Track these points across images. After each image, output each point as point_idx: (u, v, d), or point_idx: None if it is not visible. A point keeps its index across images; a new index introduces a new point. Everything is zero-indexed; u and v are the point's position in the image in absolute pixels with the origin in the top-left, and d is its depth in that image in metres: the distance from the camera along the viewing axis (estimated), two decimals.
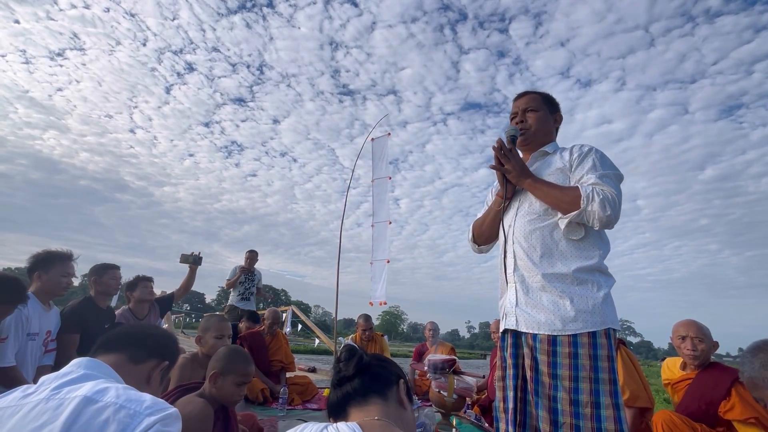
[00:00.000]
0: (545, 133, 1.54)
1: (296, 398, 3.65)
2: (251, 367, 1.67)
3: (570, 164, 1.41)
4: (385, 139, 7.41)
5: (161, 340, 1.06)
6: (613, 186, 1.31)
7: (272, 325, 4.04)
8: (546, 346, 1.28)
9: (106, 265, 2.97)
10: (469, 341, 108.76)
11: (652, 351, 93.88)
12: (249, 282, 5.69)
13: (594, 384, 1.20)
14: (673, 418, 2.01)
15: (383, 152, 7.31)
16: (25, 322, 2.16)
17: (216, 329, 2.23)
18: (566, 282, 1.31)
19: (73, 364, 0.86)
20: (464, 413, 3.32)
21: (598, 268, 1.33)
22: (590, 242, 1.34)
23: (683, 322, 2.30)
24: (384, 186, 7.15)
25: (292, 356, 4.14)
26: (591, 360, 1.22)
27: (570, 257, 1.33)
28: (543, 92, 1.59)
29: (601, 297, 1.28)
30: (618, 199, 1.28)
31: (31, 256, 2.37)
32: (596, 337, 1.24)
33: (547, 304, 1.31)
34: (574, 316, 1.26)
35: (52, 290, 2.37)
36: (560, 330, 1.27)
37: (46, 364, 2.40)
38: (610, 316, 1.28)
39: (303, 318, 8.34)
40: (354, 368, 0.90)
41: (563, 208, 1.32)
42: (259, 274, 5.84)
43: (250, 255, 5.78)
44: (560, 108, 1.61)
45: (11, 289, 1.88)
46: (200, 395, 1.61)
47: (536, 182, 1.40)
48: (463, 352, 42.84)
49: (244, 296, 5.59)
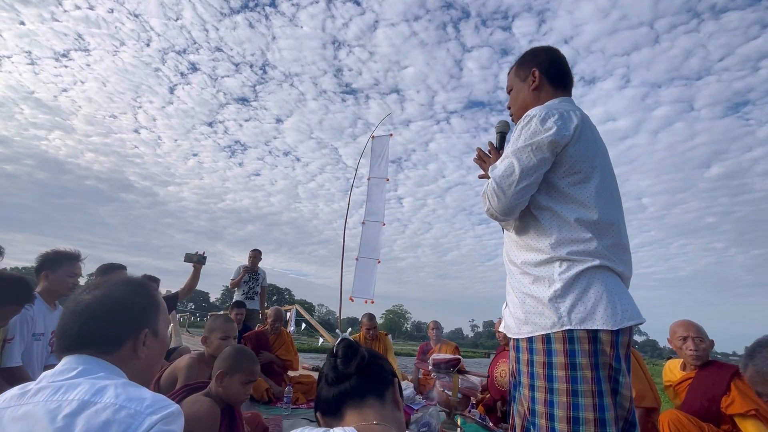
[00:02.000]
0: (523, 109, 1.28)
1: (301, 397, 3.65)
2: (257, 367, 1.68)
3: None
4: (386, 139, 7.40)
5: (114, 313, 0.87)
6: (499, 172, 1.12)
7: (275, 323, 4.05)
8: (513, 352, 1.20)
9: (113, 265, 2.98)
10: (472, 340, 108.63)
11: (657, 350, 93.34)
12: (253, 281, 5.71)
13: (549, 394, 1.04)
14: (680, 418, 2.00)
15: (383, 152, 7.31)
16: (31, 322, 2.18)
17: (222, 330, 2.23)
18: (518, 279, 1.18)
19: (68, 360, 0.83)
20: (469, 412, 3.32)
21: (552, 258, 1.10)
22: (539, 229, 1.13)
23: (681, 322, 2.32)
24: (380, 186, 7.13)
25: (297, 355, 4.14)
26: (545, 368, 1.06)
27: (522, 250, 1.18)
28: (519, 58, 1.36)
29: (552, 294, 1.07)
30: (495, 189, 1.11)
31: (39, 256, 2.38)
32: (550, 341, 1.06)
33: (510, 306, 1.21)
34: (524, 318, 1.12)
35: (58, 290, 2.38)
36: (516, 333, 1.16)
37: (52, 363, 2.42)
38: (575, 314, 1.04)
39: (307, 317, 8.36)
40: (356, 367, 0.85)
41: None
42: (263, 274, 5.85)
43: (254, 254, 5.79)
44: (536, 63, 1.29)
45: (18, 289, 1.89)
46: (207, 394, 1.61)
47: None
48: (467, 351, 42.77)
49: (248, 295, 5.61)
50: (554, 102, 1.24)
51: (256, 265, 5.77)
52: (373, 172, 7.21)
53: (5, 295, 1.81)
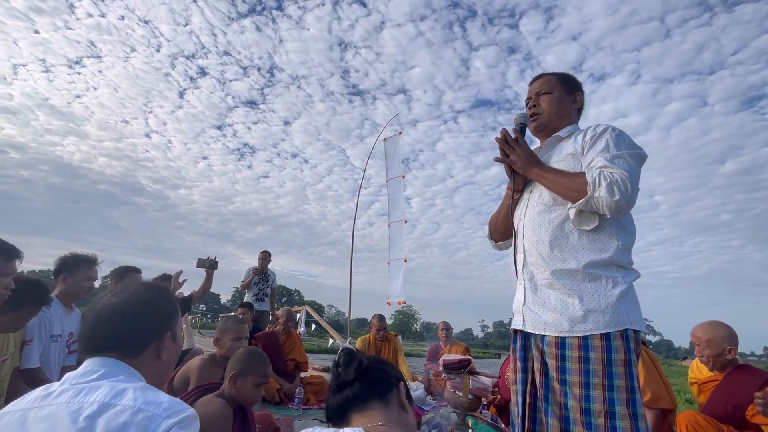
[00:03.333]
0: (559, 116, 1.41)
1: (312, 398, 3.67)
2: (269, 369, 1.69)
3: (582, 147, 1.28)
4: (396, 138, 7.41)
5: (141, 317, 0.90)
6: (625, 167, 1.16)
7: (287, 323, 4.07)
8: (554, 350, 1.18)
9: (127, 268, 3.03)
10: (482, 340, 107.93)
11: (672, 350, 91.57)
12: (263, 283, 5.75)
13: (608, 392, 1.08)
14: (698, 419, 1.95)
15: (396, 151, 7.32)
16: (48, 324, 2.22)
17: (233, 331, 2.26)
18: (576, 278, 1.19)
19: (91, 362, 0.85)
20: (480, 413, 3.30)
21: (615, 262, 1.19)
22: (606, 233, 1.21)
23: (697, 326, 2.23)
24: (398, 185, 7.14)
25: (307, 356, 4.16)
26: (604, 365, 1.10)
27: (581, 250, 1.21)
28: (561, 72, 1.48)
29: (617, 294, 1.15)
30: (630, 182, 1.13)
31: (57, 259, 2.43)
32: (610, 339, 1.12)
33: (554, 303, 1.20)
34: (582, 316, 1.15)
35: (75, 293, 2.43)
36: (567, 331, 1.16)
37: (70, 364, 2.47)
38: (630, 315, 1.14)
39: (317, 318, 8.39)
40: (354, 373, 0.88)
41: (571, 196, 1.21)
42: (273, 275, 5.89)
43: (263, 256, 5.84)
44: (581, 88, 1.47)
45: (36, 291, 1.93)
46: (219, 395, 1.63)
47: (543, 170, 1.29)
48: (477, 352, 42.41)
49: (258, 297, 5.66)
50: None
51: (266, 266, 5.82)
52: (390, 173, 7.22)
53: (23, 297, 1.85)
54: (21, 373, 2.07)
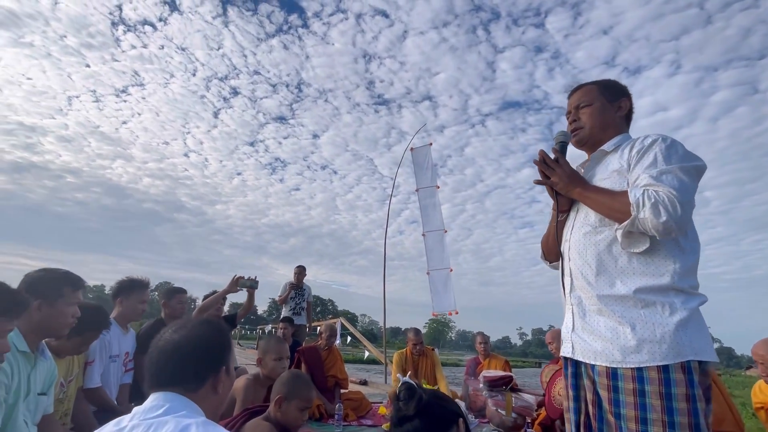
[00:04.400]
0: (603, 128, 1.31)
1: (351, 414, 3.68)
2: (313, 393, 1.72)
3: (628, 163, 1.19)
4: (426, 149, 7.40)
5: (199, 353, 0.96)
6: (674, 184, 1.07)
7: (330, 338, 4.12)
8: (606, 380, 1.10)
9: (175, 289, 3.21)
10: (521, 348, 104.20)
11: (734, 358, 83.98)
12: (299, 297, 5.87)
13: (668, 429, 1.00)
14: None
15: (426, 161, 7.30)
16: (108, 345, 2.38)
17: (275, 351, 2.32)
18: (626, 305, 1.11)
19: (156, 397, 0.92)
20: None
21: (673, 287, 1.09)
22: (661, 255, 1.11)
23: (759, 342, 2.08)
24: (431, 195, 7.10)
25: (347, 372, 4.19)
26: (662, 399, 1.02)
27: (631, 274, 1.12)
28: (601, 80, 1.38)
29: (675, 322, 1.05)
30: (678, 200, 1.03)
31: (115, 283, 2.65)
32: (669, 371, 1.03)
33: (604, 331, 1.13)
34: (635, 346, 1.06)
35: (130, 315, 2.60)
36: (620, 362, 1.08)
37: (126, 382, 2.63)
38: (694, 345, 1.04)
39: (352, 330, 8.44)
40: (414, 408, 0.90)
41: (616, 217, 1.12)
42: (308, 289, 6.01)
43: (299, 270, 5.97)
44: (627, 93, 1.36)
45: (97, 317, 2.08)
46: (266, 419, 1.67)
47: (586, 190, 1.21)
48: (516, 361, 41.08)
49: (295, 311, 5.78)
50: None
51: (302, 280, 5.94)
52: (420, 182, 7.21)
53: (86, 323, 1.99)
54: (84, 392, 2.22)
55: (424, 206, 7.14)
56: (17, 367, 1.50)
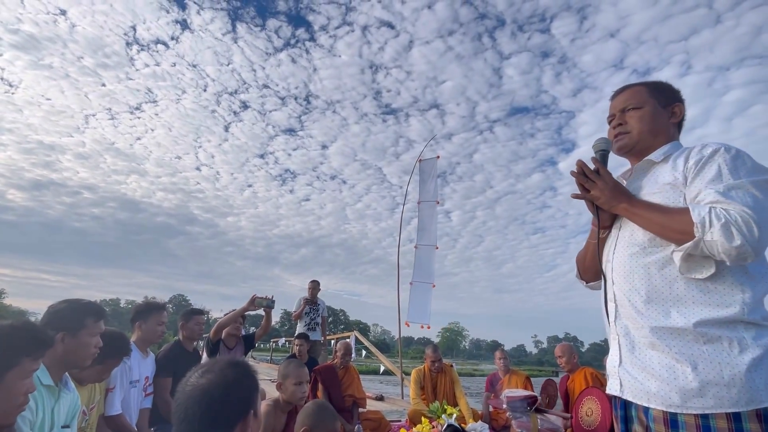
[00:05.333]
0: (654, 134, 1.16)
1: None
2: (338, 424, 1.67)
3: (685, 175, 1.04)
4: (433, 161, 7.36)
5: (227, 399, 0.92)
6: (747, 201, 0.91)
7: (345, 356, 4.06)
8: (663, 428, 0.95)
9: (193, 310, 3.21)
10: (537, 357, 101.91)
11: None
12: (314, 312, 5.84)
13: None
14: None
15: (431, 174, 7.27)
16: (129, 371, 2.37)
17: (295, 376, 2.27)
18: (686, 339, 0.95)
19: None
20: None
21: (741, 319, 0.93)
22: (726, 282, 0.96)
23: None
24: (431, 210, 7.06)
25: (364, 392, 4.11)
26: None
27: (690, 304, 0.97)
28: (652, 81, 1.22)
29: (747, 362, 0.89)
30: (754, 220, 0.88)
31: (132, 308, 2.65)
32: (741, 420, 0.88)
33: (658, 369, 0.97)
34: (698, 389, 0.91)
35: (150, 339, 2.60)
36: (678, 406, 0.93)
37: (146, 407, 2.61)
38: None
39: (366, 343, 8.35)
40: None
41: (674, 237, 0.97)
42: (322, 304, 5.97)
43: (313, 285, 5.95)
44: (680, 97, 1.21)
45: (118, 344, 2.07)
46: None
47: (633, 206, 1.06)
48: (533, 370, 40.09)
49: (310, 326, 5.74)
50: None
51: (316, 295, 5.91)
52: (423, 195, 7.19)
53: (107, 350, 1.98)
54: (105, 419, 2.20)
55: (421, 218, 7.10)
56: (41, 402, 1.48)
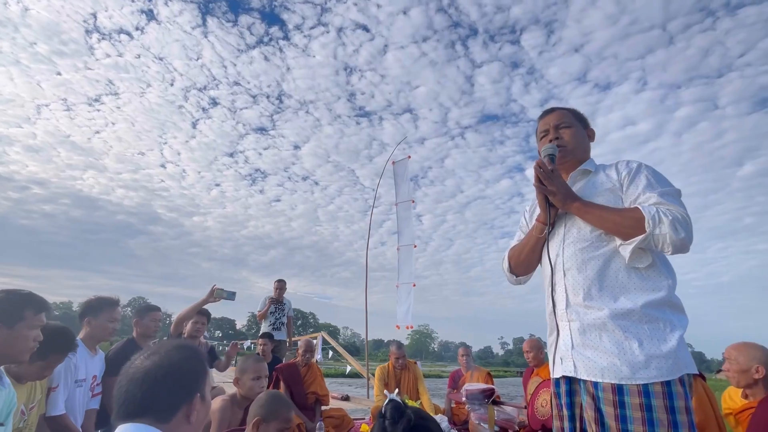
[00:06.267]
0: (583, 150, 1.40)
1: (332, 431, 3.59)
2: (293, 413, 1.67)
3: (620, 183, 1.25)
4: (405, 162, 7.47)
5: (172, 381, 0.91)
6: (679, 204, 1.15)
7: (306, 353, 4.04)
8: (612, 396, 1.09)
9: (148, 306, 3.09)
10: (503, 358, 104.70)
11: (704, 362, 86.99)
12: (279, 312, 5.75)
13: None
14: None
15: (404, 175, 7.38)
16: (74, 369, 2.25)
17: (253, 371, 2.24)
18: (632, 320, 1.12)
19: (123, 429, 0.86)
20: None
21: (668, 303, 1.14)
22: (657, 271, 1.16)
23: (731, 344, 2.19)
24: (407, 209, 7.17)
25: (327, 389, 4.10)
26: (668, 413, 1.04)
27: (634, 290, 1.15)
28: (570, 108, 1.48)
29: (677, 339, 1.09)
30: (689, 218, 1.11)
31: (82, 303, 2.51)
32: (671, 385, 1.06)
33: (609, 347, 1.12)
34: (644, 362, 1.07)
35: (99, 336, 2.47)
36: (629, 378, 1.08)
37: (93, 408, 2.48)
38: (685, 359, 1.09)
39: (333, 344, 8.31)
40: (402, 430, 0.88)
41: (625, 233, 1.15)
42: (288, 304, 5.89)
43: (279, 285, 5.85)
44: (590, 123, 1.48)
45: (62, 339, 1.97)
46: None
47: (586, 206, 1.22)
48: (498, 370, 41.13)
49: (275, 326, 5.64)
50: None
51: (282, 295, 5.83)
52: (399, 197, 7.27)
53: (50, 346, 1.88)
54: (47, 420, 2.08)
55: (400, 219, 7.19)
56: None
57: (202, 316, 3.46)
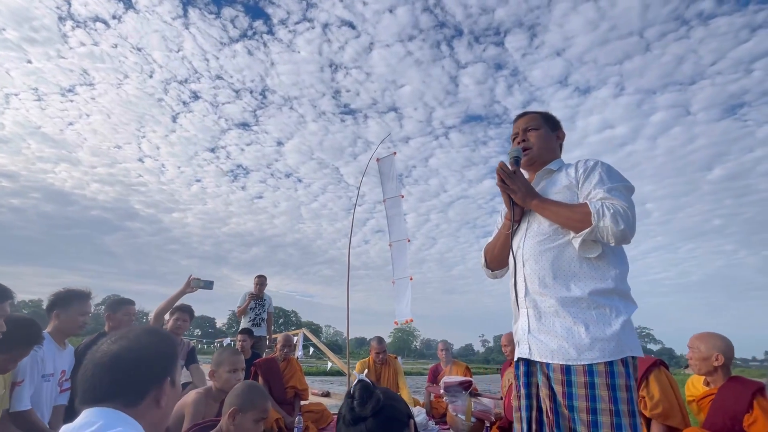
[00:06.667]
0: (549, 151, 1.51)
1: (311, 426, 3.58)
2: (269, 403, 1.66)
3: (576, 180, 1.36)
4: (391, 158, 7.47)
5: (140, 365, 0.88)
6: (624, 198, 1.25)
7: (284, 348, 4.01)
8: (560, 376, 1.21)
9: (121, 300, 2.99)
10: (483, 356, 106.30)
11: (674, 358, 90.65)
12: (259, 308, 5.68)
13: (614, 417, 1.13)
14: None
15: (391, 171, 7.37)
16: (41, 363, 2.17)
17: (229, 363, 2.22)
18: (581, 306, 1.23)
19: (88, 413, 0.84)
20: None
21: (616, 291, 1.25)
22: (606, 261, 1.27)
23: (695, 335, 2.31)
24: (397, 204, 7.17)
25: (306, 383, 4.08)
26: (609, 390, 1.15)
27: (583, 278, 1.26)
28: (542, 111, 1.58)
29: (621, 323, 1.20)
30: (630, 212, 1.21)
31: (51, 295, 2.40)
32: (613, 365, 1.17)
33: (560, 331, 1.23)
34: (589, 344, 1.19)
35: (68, 329, 2.39)
36: (575, 359, 1.19)
37: (61, 404, 2.40)
38: (629, 343, 1.20)
39: (315, 340, 8.26)
40: (371, 410, 0.88)
41: (574, 226, 1.26)
42: (269, 299, 5.83)
43: (259, 280, 5.78)
44: (561, 126, 1.58)
45: (27, 331, 1.90)
46: None
47: (543, 202, 1.34)
48: (479, 367, 41.67)
49: (255, 322, 5.57)
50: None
51: (262, 291, 5.76)
52: (387, 193, 7.26)
53: (15, 338, 1.81)
54: (11, 416, 2.01)
55: (390, 216, 7.18)
56: None
57: (184, 312, 3.38)
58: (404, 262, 6.88)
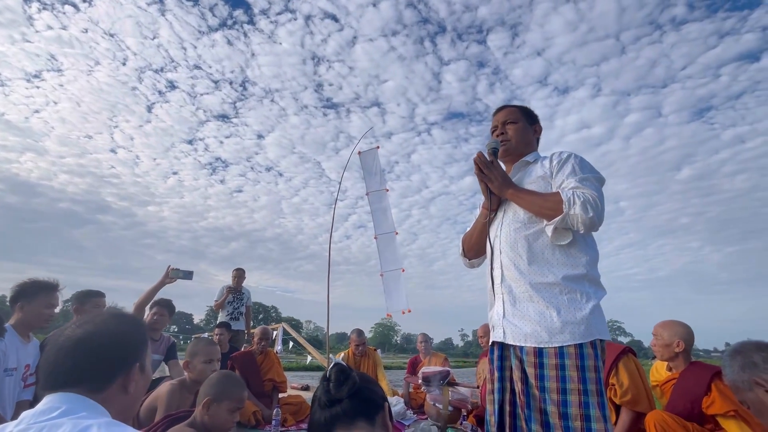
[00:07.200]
0: (526, 144, 1.56)
1: (290, 418, 3.56)
2: (245, 393, 1.64)
3: (551, 171, 1.42)
4: (374, 152, 7.45)
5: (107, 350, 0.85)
6: (594, 188, 1.31)
7: (261, 341, 3.97)
8: (533, 359, 1.26)
9: (90, 292, 2.89)
10: (462, 349, 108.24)
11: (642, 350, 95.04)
12: (237, 301, 5.60)
13: (583, 396, 1.18)
14: (666, 418, 2.04)
15: (374, 165, 7.35)
16: (3, 357, 2.08)
17: (205, 353, 2.18)
18: (553, 291, 1.28)
19: (51, 399, 0.80)
20: (460, 425, 3.30)
21: (587, 277, 1.30)
22: (577, 248, 1.33)
23: (658, 322, 2.43)
24: (381, 198, 7.16)
25: (285, 375, 4.05)
26: (578, 371, 1.20)
27: (556, 265, 1.31)
28: (521, 105, 1.63)
29: (590, 308, 1.25)
30: (599, 201, 1.27)
31: (15, 285, 2.29)
32: (583, 347, 1.22)
33: (533, 315, 1.28)
34: (560, 328, 1.24)
35: (33, 322, 2.29)
36: (547, 342, 1.25)
37: (25, 399, 2.30)
38: (598, 326, 1.26)
39: (294, 335, 8.21)
40: (347, 393, 0.88)
41: (547, 214, 1.32)
42: (247, 293, 5.75)
43: (237, 274, 5.70)
44: (539, 120, 1.64)
45: None
46: (191, 424, 1.56)
47: (518, 191, 1.40)
48: (458, 361, 42.41)
49: (233, 316, 5.49)
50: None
51: (240, 284, 5.67)
52: (370, 186, 7.23)
53: None
54: None
55: (374, 210, 7.18)
56: None
57: (163, 307, 3.29)
58: (393, 255, 6.92)
